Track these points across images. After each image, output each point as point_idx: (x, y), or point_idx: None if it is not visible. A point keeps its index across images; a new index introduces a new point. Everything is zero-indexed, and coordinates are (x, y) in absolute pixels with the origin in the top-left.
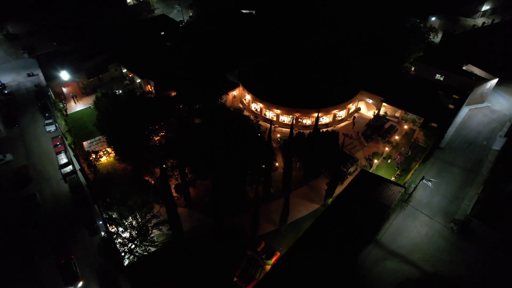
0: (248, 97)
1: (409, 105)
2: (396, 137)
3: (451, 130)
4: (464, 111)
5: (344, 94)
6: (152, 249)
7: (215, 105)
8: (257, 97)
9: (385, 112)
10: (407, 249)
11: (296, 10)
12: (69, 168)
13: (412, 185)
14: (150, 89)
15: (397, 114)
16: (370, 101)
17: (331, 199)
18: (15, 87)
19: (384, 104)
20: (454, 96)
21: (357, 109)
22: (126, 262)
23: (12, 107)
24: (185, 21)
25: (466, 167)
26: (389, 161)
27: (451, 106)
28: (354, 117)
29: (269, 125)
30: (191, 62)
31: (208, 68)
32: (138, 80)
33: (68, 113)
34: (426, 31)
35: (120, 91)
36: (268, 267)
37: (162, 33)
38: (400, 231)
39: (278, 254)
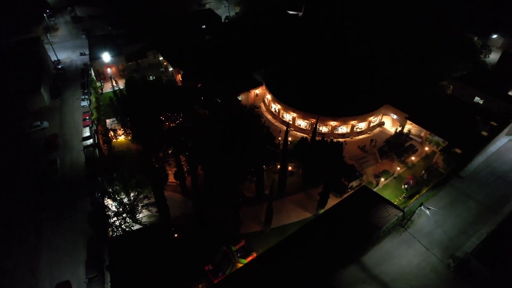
0: (268, 96)
1: (435, 126)
2: (413, 158)
3: (480, 159)
4: (502, 141)
5: (365, 105)
6: (136, 227)
7: (228, 101)
8: (276, 98)
9: (409, 130)
10: (391, 276)
11: (344, 19)
12: (90, 141)
13: (416, 211)
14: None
15: (422, 134)
16: (394, 116)
17: (322, 210)
18: (67, 64)
19: (409, 121)
20: (491, 122)
21: (381, 124)
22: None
23: (60, 81)
24: (230, 17)
25: (485, 203)
26: (402, 185)
27: (484, 133)
28: (372, 140)
29: (285, 127)
30: (223, 57)
31: (237, 64)
32: (171, 69)
33: (104, 92)
34: (478, 48)
35: (151, 77)
36: (239, 265)
37: (204, 26)
38: (390, 256)
39: (255, 255)
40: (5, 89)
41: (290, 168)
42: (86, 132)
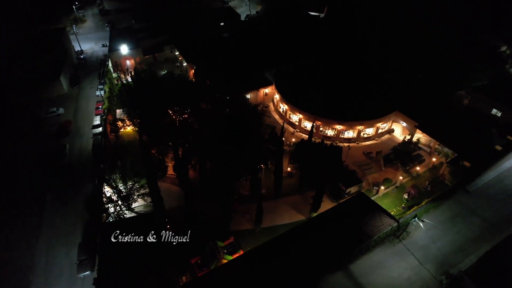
0: (277, 96)
1: (446, 136)
2: (418, 168)
3: (491, 175)
4: None
5: (373, 111)
6: (128, 214)
7: (232, 98)
8: (283, 98)
9: (418, 139)
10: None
11: (365, 23)
12: (99, 130)
13: (410, 223)
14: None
15: (431, 144)
16: (404, 124)
17: (315, 213)
18: (89, 54)
19: (418, 130)
20: (508, 137)
21: (390, 131)
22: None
23: (81, 70)
24: (251, 15)
25: (491, 220)
26: (403, 195)
27: (499, 148)
28: (378, 152)
29: (292, 129)
30: (237, 54)
31: (250, 62)
32: (185, 64)
33: (119, 83)
34: (504, 58)
35: (164, 71)
36: (224, 261)
37: (222, 23)
38: (379, 266)
39: (241, 252)
40: (28, 75)
41: (289, 169)
42: (97, 121)
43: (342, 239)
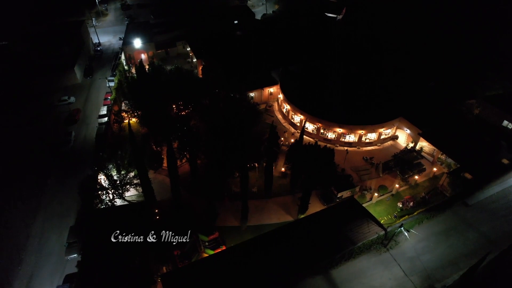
0: (281, 96)
1: (449, 146)
2: (417, 177)
3: (495, 189)
4: None
5: (376, 116)
6: (119, 202)
7: (231, 95)
8: (286, 98)
9: (421, 148)
10: None
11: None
12: (104, 119)
13: (397, 231)
14: None
15: (435, 153)
16: (408, 131)
17: (302, 215)
18: (106, 47)
19: (422, 138)
20: None
21: (394, 137)
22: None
23: (96, 62)
24: (267, 15)
25: (488, 236)
26: (398, 203)
27: (505, 161)
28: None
29: (293, 129)
30: (247, 53)
31: (259, 61)
32: (195, 60)
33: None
34: None
35: (172, 66)
36: (205, 255)
37: (236, 22)
38: (362, 275)
39: (224, 248)
40: (44, 64)
41: (283, 169)
42: (103, 111)
43: (325, 243)
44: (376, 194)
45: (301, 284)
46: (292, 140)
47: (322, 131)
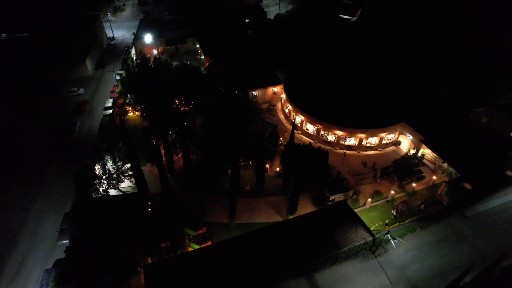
0: (284, 96)
1: (451, 154)
2: (414, 185)
3: (496, 202)
4: None
5: (377, 120)
6: (112, 192)
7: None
8: (288, 98)
9: (423, 155)
10: None
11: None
12: (109, 111)
13: (390, 238)
14: None
15: (437, 161)
16: (410, 137)
17: (291, 216)
18: (119, 41)
19: (424, 145)
20: None
21: (396, 142)
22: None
23: (108, 55)
24: (280, 14)
25: (482, 250)
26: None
27: (510, 173)
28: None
29: (295, 130)
30: (255, 51)
31: (265, 60)
32: (202, 57)
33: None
34: None
35: (179, 62)
36: (190, 249)
37: (247, 20)
38: (346, 280)
39: (210, 243)
40: (57, 57)
41: (278, 169)
42: (109, 103)
43: (310, 245)
44: (369, 200)
45: (284, 284)
46: None
47: (322, 132)
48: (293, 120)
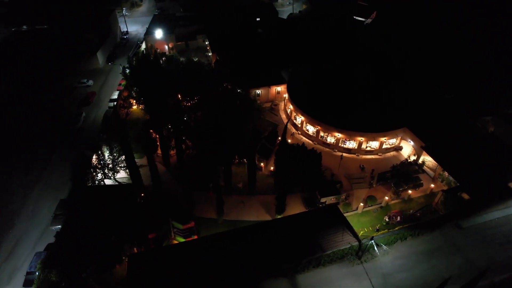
0: (286, 96)
1: (451, 163)
2: (410, 192)
3: (495, 215)
4: None
5: (378, 124)
6: (108, 182)
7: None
8: (290, 98)
9: (423, 162)
10: None
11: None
12: (114, 103)
13: (374, 244)
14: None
15: (437, 169)
16: (411, 142)
17: (279, 216)
18: (133, 36)
19: (425, 151)
20: None
21: (398, 148)
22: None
23: (120, 49)
24: (293, 14)
25: (476, 264)
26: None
27: None
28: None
29: (294, 130)
30: (262, 50)
31: (271, 59)
32: (210, 53)
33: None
34: None
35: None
36: (175, 242)
37: (258, 19)
38: (329, 284)
39: (196, 237)
40: (70, 49)
41: (272, 168)
42: (115, 95)
43: (294, 246)
44: (361, 204)
45: (265, 284)
46: (289, 141)
47: (321, 134)
48: (287, 120)
